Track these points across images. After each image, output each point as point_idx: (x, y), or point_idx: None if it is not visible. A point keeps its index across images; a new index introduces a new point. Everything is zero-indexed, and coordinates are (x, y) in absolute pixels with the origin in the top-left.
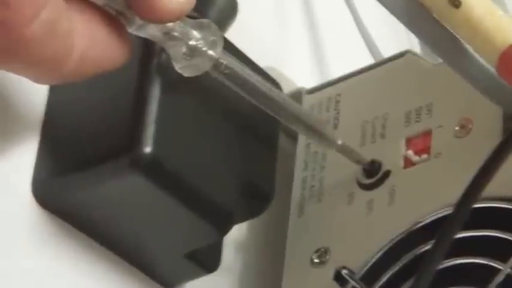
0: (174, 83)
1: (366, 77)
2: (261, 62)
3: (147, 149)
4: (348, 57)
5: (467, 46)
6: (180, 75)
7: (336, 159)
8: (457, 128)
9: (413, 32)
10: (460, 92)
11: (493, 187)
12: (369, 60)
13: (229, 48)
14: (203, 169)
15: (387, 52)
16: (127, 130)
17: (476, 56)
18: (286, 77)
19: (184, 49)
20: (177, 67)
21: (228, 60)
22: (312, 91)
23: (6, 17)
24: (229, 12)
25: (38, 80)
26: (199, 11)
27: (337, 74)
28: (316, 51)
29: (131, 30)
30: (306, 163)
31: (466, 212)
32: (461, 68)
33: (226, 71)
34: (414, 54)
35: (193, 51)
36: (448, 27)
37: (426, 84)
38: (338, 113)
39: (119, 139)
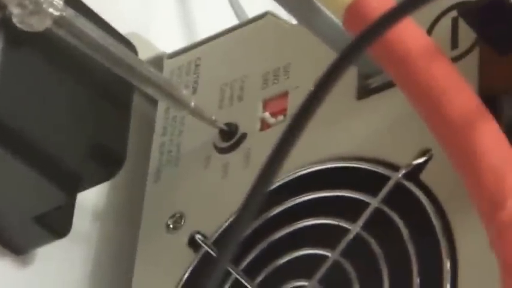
0: (17, 38)
1: (226, 39)
2: (123, 28)
3: None
4: (215, 20)
5: (317, 1)
6: (24, 32)
7: (194, 124)
8: (312, 88)
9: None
10: (316, 53)
11: (341, 148)
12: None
13: (81, 8)
14: (48, 129)
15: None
16: None
17: (327, 11)
18: (149, 42)
19: (24, 4)
20: (17, 22)
21: (71, 18)
22: (173, 55)
23: None
24: None
25: None
26: None
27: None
28: (182, 15)
29: None
30: (165, 128)
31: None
32: (312, 25)
33: (69, 29)
34: (274, 15)
35: (34, 7)
36: None
37: (284, 45)
38: (198, 76)
39: None
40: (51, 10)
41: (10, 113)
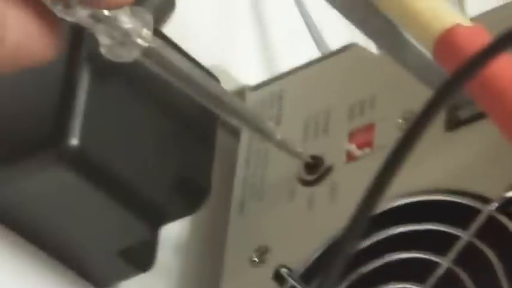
0: (104, 71)
1: (310, 71)
2: (205, 61)
3: (74, 141)
4: (296, 52)
5: (406, 33)
6: (110, 64)
7: (278, 157)
8: (400, 121)
9: (350, 19)
10: (402, 84)
11: (429, 180)
12: (317, 55)
13: (166, 41)
14: (134, 163)
15: (336, 46)
16: (53, 121)
17: (415, 43)
18: (231, 75)
19: (113, 35)
20: (105, 53)
21: (160, 48)
22: (256, 88)
23: None
24: (166, 6)
25: None
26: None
27: (285, 69)
28: (263, 47)
29: (59, 13)
30: (248, 161)
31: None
32: (400, 56)
33: (158, 59)
34: (359, 46)
35: (123, 38)
36: (384, 14)
37: (369, 76)
38: (281, 109)
39: (45, 130)
40: (139, 41)
41: (95, 146)
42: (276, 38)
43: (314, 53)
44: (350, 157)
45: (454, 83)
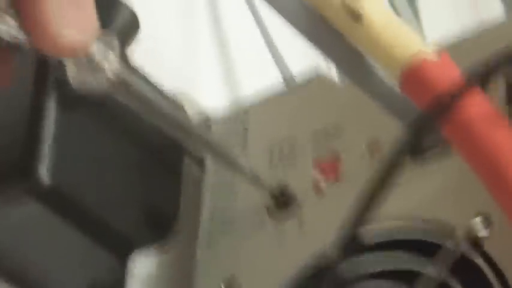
0: (71, 100)
1: (275, 98)
2: (169, 85)
3: (43, 176)
4: (259, 76)
5: (371, 61)
6: (77, 91)
7: (246, 186)
8: (365, 150)
9: (317, 47)
10: (368, 113)
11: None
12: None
13: (133, 69)
14: (102, 193)
15: (297, 68)
16: (21, 153)
17: (381, 72)
18: (195, 101)
19: (80, 61)
20: (73, 82)
21: (126, 75)
22: (221, 120)
23: None
24: (130, 29)
25: None
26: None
27: (248, 92)
28: (227, 71)
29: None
30: (215, 191)
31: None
32: (365, 85)
33: (125, 87)
34: (323, 74)
35: (89, 64)
36: (350, 42)
37: (334, 105)
38: (246, 135)
39: (13, 163)
40: (107, 67)
41: (65, 178)
42: (238, 61)
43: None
44: (317, 188)
45: (425, 122)
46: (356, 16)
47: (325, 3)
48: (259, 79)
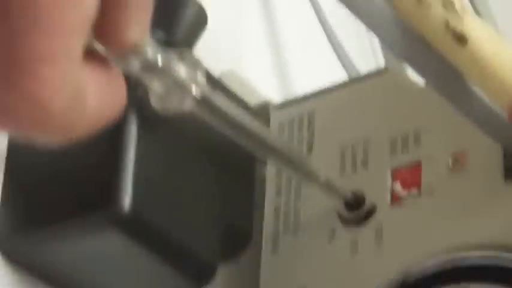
0: (152, 122)
1: (343, 94)
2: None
3: (126, 206)
4: (316, 69)
5: (467, 80)
6: (157, 114)
7: (313, 189)
8: (450, 162)
9: (410, 63)
10: (451, 121)
11: (486, 234)
12: (341, 75)
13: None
14: (181, 217)
15: (362, 67)
16: (103, 181)
17: (476, 90)
18: (248, 84)
19: (163, 83)
20: (155, 104)
21: (213, 97)
22: (281, 107)
23: (33, 90)
24: (199, 25)
25: (45, 142)
26: (167, 27)
27: (302, 86)
28: (279, 58)
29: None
30: (279, 188)
31: None
32: (463, 104)
33: (211, 108)
34: (395, 71)
35: (176, 86)
36: (452, 64)
37: (412, 108)
38: (313, 134)
39: (95, 192)
40: (194, 89)
41: (146, 206)
42: (292, 51)
43: (338, 72)
44: (395, 197)
45: None
46: (461, 39)
47: (427, 23)
48: (317, 75)
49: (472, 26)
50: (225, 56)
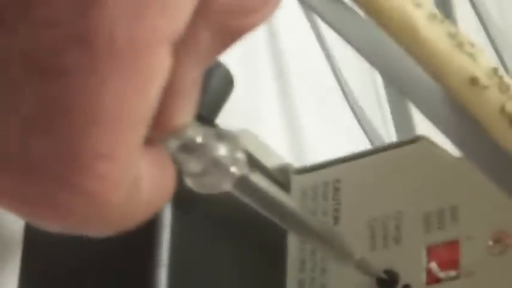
0: (186, 204)
1: (370, 162)
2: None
3: None
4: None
5: None
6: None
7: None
8: (490, 243)
9: (461, 149)
10: (492, 198)
11: None
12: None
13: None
14: None
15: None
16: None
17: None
18: (265, 145)
19: (203, 164)
20: (191, 184)
21: (252, 176)
22: (302, 171)
23: (90, 187)
24: (226, 92)
25: (95, 234)
26: None
27: (319, 151)
28: (292, 120)
29: None
30: (303, 262)
31: None
32: (483, 164)
33: (249, 188)
34: (429, 140)
35: (215, 166)
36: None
37: (448, 181)
38: (339, 204)
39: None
40: (233, 169)
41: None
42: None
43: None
44: (431, 278)
45: None
46: None
47: (481, 106)
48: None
49: None
50: (239, 115)
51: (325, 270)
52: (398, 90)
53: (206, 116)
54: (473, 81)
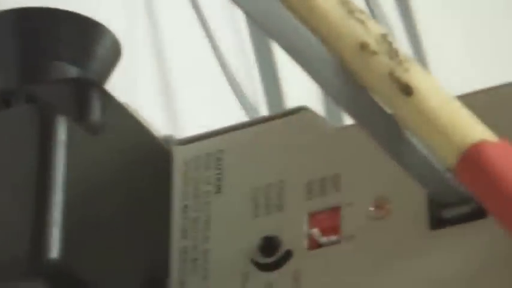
0: None
1: (253, 132)
2: None
3: (53, 255)
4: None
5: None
6: None
7: (222, 230)
8: (371, 209)
9: (348, 112)
10: (374, 166)
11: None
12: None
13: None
14: (104, 262)
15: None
16: (29, 233)
17: (418, 146)
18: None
19: None
20: None
21: None
22: (184, 142)
23: None
24: (114, 59)
25: None
26: (79, 63)
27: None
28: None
29: None
30: (185, 230)
31: None
32: (397, 153)
33: None
34: (311, 111)
35: None
36: (393, 114)
37: (330, 150)
38: (221, 173)
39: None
40: None
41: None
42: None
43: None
44: (313, 243)
45: None
46: (406, 90)
47: (370, 71)
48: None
49: (418, 77)
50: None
51: (208, 237)
52: (293, 59)
53: (95, 81)
54: (363, 46)
